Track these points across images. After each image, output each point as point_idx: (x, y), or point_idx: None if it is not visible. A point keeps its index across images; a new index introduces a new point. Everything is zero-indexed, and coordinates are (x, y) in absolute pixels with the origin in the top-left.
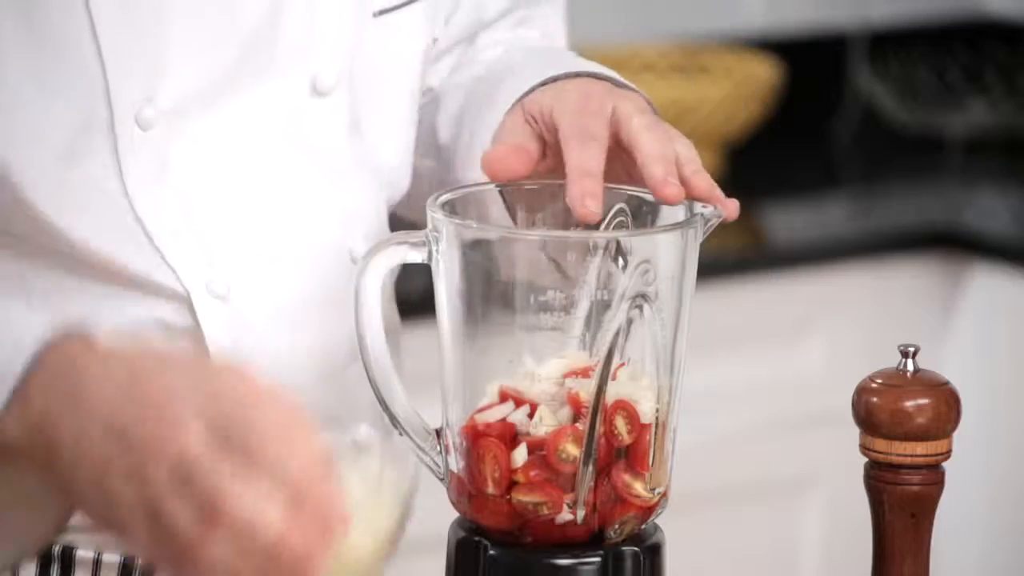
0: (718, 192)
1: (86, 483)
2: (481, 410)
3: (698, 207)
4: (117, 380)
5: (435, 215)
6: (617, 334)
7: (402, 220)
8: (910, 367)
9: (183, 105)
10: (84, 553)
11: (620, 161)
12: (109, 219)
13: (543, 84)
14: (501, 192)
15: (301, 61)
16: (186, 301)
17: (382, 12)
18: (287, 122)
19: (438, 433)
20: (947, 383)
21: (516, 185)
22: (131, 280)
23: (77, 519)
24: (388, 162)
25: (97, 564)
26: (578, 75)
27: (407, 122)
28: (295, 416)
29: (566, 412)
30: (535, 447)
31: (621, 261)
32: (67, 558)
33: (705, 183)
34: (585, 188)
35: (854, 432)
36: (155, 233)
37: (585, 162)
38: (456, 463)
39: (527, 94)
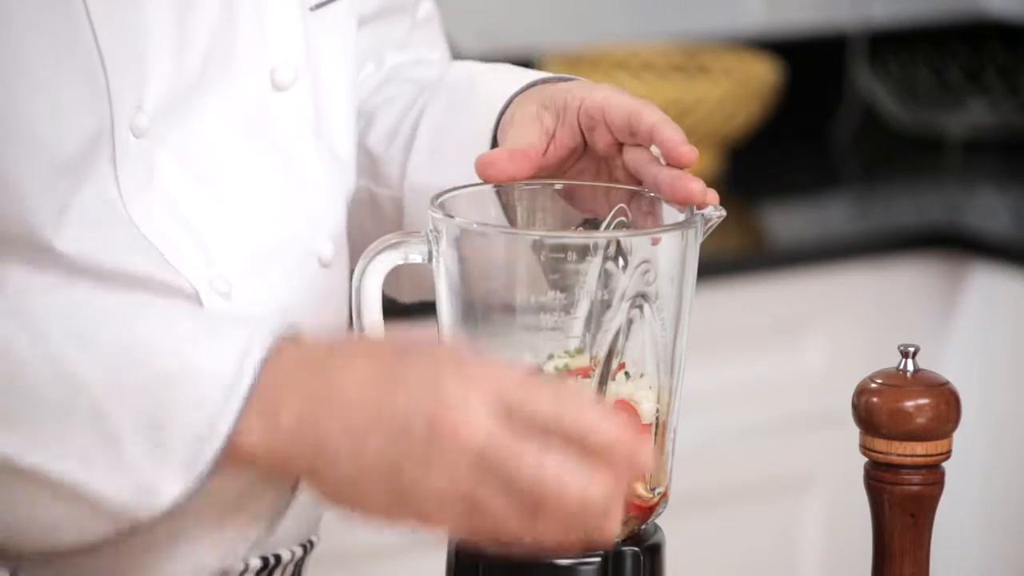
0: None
1: (364, 480)
2: None
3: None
4: (365, 373)
5: (435, 215)
6: (617, 334)
7: None
8: (910, 367)
9: (164, 109)
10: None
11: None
12: (113, 229)
13: (530, 86)
14: (497, 192)
15: (258, 56)
16: (194, 299)
17: (318, 6)
18: (256, 121)
19: None
20: (947, 383)
21: (517, 185)
22: (138, 284)
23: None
24: (344, 159)
25: None
26: (559, 78)
27: (353, 118)
28: (556, 380)
29: None
30: None
31: (621, 261)
32: None
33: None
34: (679, 135)
35: (854, 432)
36: (154, 237)
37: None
38: None
39: (518, 93)
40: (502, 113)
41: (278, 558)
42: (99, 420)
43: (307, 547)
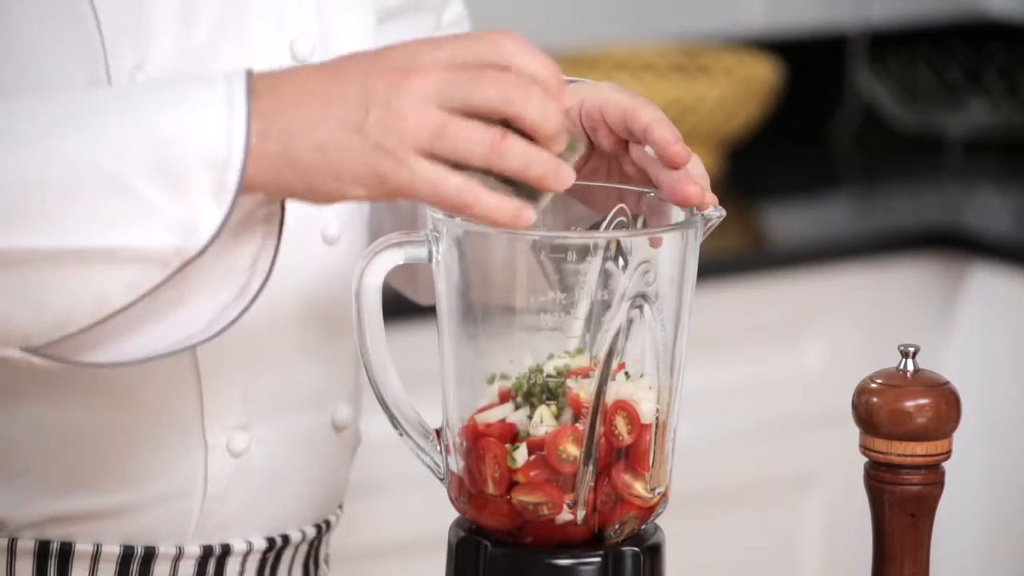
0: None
1: (336, 141)
2: (481, 410)
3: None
4: (320, 69)
5: (435, 215)
6: (617, 334)
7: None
8: (910, 367)
9: (173, 72)
10: (83, 547)
11: (617, 160)
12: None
13: None
14: None
15: (275, 27)
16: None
17: None
18: None
19: (438, 433)
20: (947, 383)
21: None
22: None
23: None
24: None
25: (96, 557)
26: None
27: None
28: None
29: (567, 413)
30: (535, 447)
31: (621, 261)
32: (65, 554)
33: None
34: (671, 135)
35: (854, 432)
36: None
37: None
38: (456, 463)
39: None
40: None
41: (286, 539)
42: (113, 186)
43: (322, 528)
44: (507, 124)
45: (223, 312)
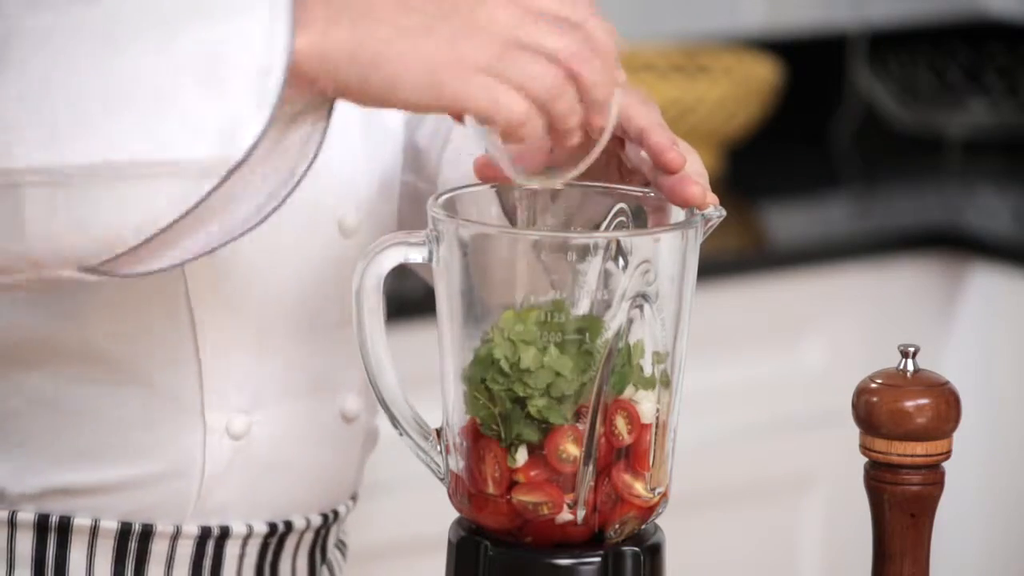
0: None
1: (406, 40)
2: None
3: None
4: None
5: (435, 215)
6: (617, 334)
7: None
8: (910, 367)
9: None
10: (81, 521)
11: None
12: None
13: None
14: (498, 192)
15: None
16: None
17: None
18: None
19: (438, 433)
20: (947, 383)
21: (517, 185)
22: None
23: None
24: (391, 126)
25: (94, 532)
26: None
27: None
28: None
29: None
30: (535, 447)
31: (621, 261)
32: (64, 527)
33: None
34: (666, 140)
35: (854, 432)
36: None
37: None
38: (456, 463)
39: None
40: None
41: (288, 525)
42: (158, 98)
43: (328, 517)
44: None
45: (269, 199)
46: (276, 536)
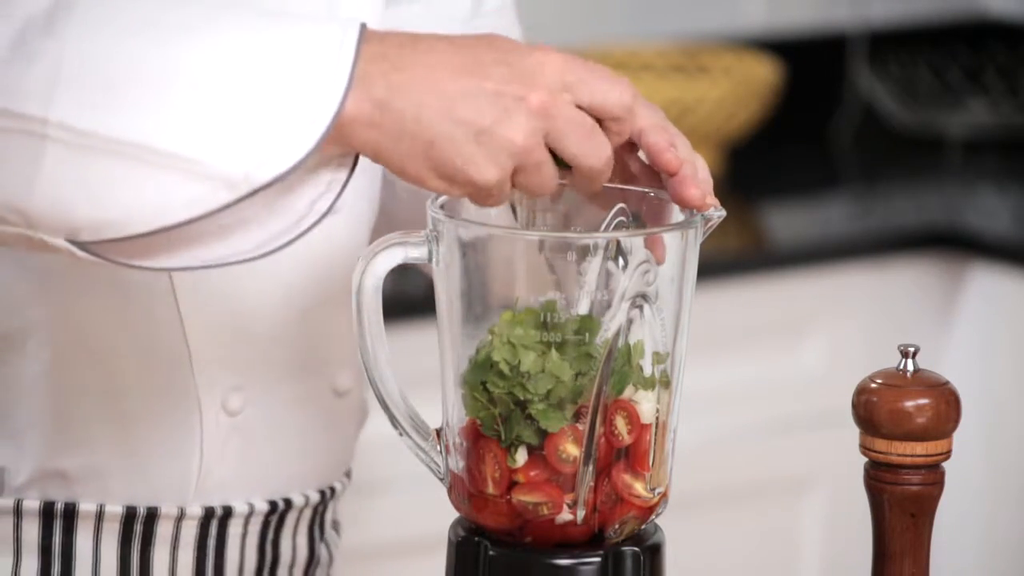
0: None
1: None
2: None
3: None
4: (446, 44)
5: (435, 215)
6: (617, 334)
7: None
8: (910, 367)
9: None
10: (86, 507)
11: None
12: None
13: None
14: None
15: (281, 3)
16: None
17: None
18: None
19: (438, 433)
20: (947, 383)
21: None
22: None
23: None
24: None
25: (100, 517)
26: None
27: None
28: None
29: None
30: (535, 447)
31: (621, 261)
32: (69, 513)
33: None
34: (664, 141)
35: (854, 432)
36: None
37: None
38: (456, 463)
39: None
40: None
41: (288, 502)
42: (207, 97)
43: (326, 493)
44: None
45: (272, 239)
46: (277, 514)
